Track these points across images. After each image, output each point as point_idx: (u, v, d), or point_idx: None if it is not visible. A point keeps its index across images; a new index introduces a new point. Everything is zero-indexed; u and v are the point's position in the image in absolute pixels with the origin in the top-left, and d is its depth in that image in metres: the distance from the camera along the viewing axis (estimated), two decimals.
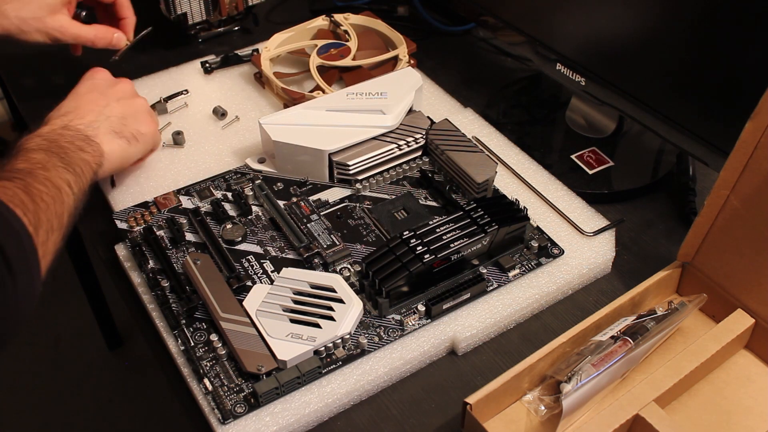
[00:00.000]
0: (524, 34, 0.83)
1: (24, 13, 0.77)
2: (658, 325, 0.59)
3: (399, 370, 0.61)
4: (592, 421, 0.54)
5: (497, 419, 0.57)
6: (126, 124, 0.71)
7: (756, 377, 0.60)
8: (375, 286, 0.62)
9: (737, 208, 0.58)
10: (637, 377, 0.59)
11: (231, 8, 0.97)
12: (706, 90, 0.67)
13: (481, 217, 0.64)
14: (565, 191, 0.75)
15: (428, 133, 0.76)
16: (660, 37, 0.69)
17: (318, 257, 0.67)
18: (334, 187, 0.74)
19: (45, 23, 0.78)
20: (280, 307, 0.61)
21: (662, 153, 0.82)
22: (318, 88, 0.84)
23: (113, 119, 0.71)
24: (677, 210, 0.76)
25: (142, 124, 0.73)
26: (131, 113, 0.73)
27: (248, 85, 0.89)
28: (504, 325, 0.65)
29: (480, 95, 0.91)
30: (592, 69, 0.76)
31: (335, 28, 0.93)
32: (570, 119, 0.86)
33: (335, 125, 0.74)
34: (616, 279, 0.69)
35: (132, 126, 0.72)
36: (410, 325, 0.62)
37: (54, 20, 0.79)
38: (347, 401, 0.59)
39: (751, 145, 0.56)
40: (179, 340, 0.61)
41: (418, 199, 0.73)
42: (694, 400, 0.59)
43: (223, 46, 0.98)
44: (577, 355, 0.58)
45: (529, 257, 0.68)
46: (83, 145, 0.66)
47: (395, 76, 0.81)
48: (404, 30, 0.92)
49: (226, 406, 0.57)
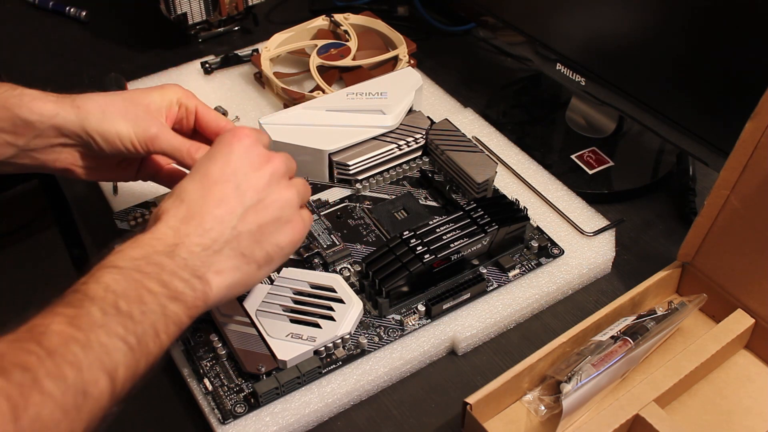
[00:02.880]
0: (524, 34, 0.83)
1: (113, 99, 0.59)
2: (658, 325, 0.59)
3: (399, 370, 0.61)
4: (592, 421, 0.54)
5: (497, 419, 0.57)
6: (261, 240, 0.51)
7: (756, 377, 0.60)
8: (375, 286, 0.62)
9: (737, 208, 0.58)
10: (637, 377, 0.59)
11: (231, 8, 0.97)
12: (706, 90, 0.67)
13: (481, 217, 0.64)
14: (565, 191, 0.75)
15: (428, 133, 0.76)
16: (660, 36, 0.69)
17: (318, 257, 0.67)
18: (334, 187, 0.74)
19: (138, 115, 0.59)
20: (280, 307, 0.61)
21: (662, 153, 0.82)
22: (318, 88, 0.84)
23: (244, 237, 0.50)
24: (677, 210, 0.76)
25: (284, 234, 0.52)
26: (271, 220, 0.51)
27: (248, 85, 0.89)
28: (504, 325, 0.65)
29: (480, 95, 0.91)
30: (592, 69, 0.76)
31: (335, 28, 0.93)
32: (570, 119, 0.86)
33: (335, 125, 0.74)
34: (616, 279, 0.69)
35: (269, 242, 0.51)
36: (410, 325, 0.62)
37: (152, 116, 0.59)
38: (347, 401, 0.59)
39: (751, 145, 0.56)
40: (179, 340, 0.61)
41: (418, 199, 0.73)
42: (694, 400, 0.59)
43: (223, 46, 0.98)
44: (577, 355, 0.58)
45: (529, 257, 0.68)
46: (182, 288, 0.46)
47: (395, 76, 0.81)
48: (404, 30, 0.92)
49: (226, 406, 0.57)
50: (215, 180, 0.50)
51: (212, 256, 0.48)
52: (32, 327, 0.40)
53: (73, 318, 0.41)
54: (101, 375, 0.40)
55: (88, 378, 0.40)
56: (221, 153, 0.52)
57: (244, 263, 0.50)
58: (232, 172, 0.51)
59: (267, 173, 0.52)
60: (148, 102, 0.60)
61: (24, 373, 0.38)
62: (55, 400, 0.38)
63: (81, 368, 0.39)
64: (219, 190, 0.50)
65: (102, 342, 0.41)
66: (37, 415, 0.37)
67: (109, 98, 0.59)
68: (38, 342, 0.39)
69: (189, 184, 0.51)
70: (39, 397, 0.37)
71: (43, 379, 0.38)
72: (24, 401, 0.37)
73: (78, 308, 0.42)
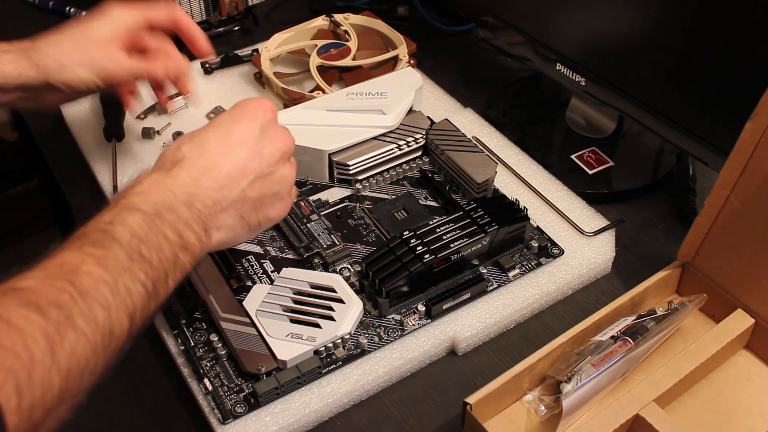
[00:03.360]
0: (524, 34, 0.83)
1: (65, 46, 0.63)
2: (658, 325, 0.59)
3: (399, 370, 0.61)
4: (592, 421, 0.54)
5: (497, 419, 0.57)
6: (258, 207, 0.55)
7: (756, 377, 0.60)
8: (375, 286, 0.62)
9: (737, 208, 0.58)
10: (637, 377, 0.59)
11: (231, 8, 0.97)
12: (706, 90, 0.67)
13: (481, 217, 0.64)
14: (565, 191, 0.75)
15: (428, 133, 0.76)
16: (660, 36, 0.69)
17: (318, 257, 0.67)
18: (334, 187, 0.74)
19: (92, 55, 0.64)
20: (280, 307, 0.61)
21: (662, 153, 0.82)
22: (318, 88, 0.84)
23: (248, 201, 0.54)
24: (677, 210, 0.76)
25: (275, 208, 0.57)
26: (271, 193, 0.55)
27: (248, 85, 0.89)
28: (504, 325, 0.65)
29: (480, 95, 0.91)
30: (592, 69, 0.76)
31: (335, 28, 0.93)
32: (570, 119, 0.86)
33: (335, 125, 0.74)
34: (616, 279, 0.69)
35: (263, 211, 0.55)
36: (410, 325, 0.62)
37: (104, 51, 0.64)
38: (347, 401, 0.59)
39: (751, 145, 0.56)
40: (179, 340, 0.61)
41: (418, 199, 0.73)
42: (694, 400, 0.59)
43: (223, 46, 0.98)
44: (577, 355, 0.58)
45: (529, 257, 0.68)
46: (192, 239, 0.49)
47: (395, 76, 0.81)
48: (404, 30, 0.92)
49: (226, 406, 0.57)
50: (237, 142, 0.53)
51: (219, 212, 0.52)
52: (62, 264, 0.42)
53: (102, 259, 0.43)
54: (125, 317, 0.43)
55: (115, 319, 0.42)
56: (246, 118, 0.55)
57: (239, 224, 0.54)
58: (254, 140, 0.54)
59: (281, 150, 0.56)
60: (97, 36, 0.64)
61: (59, 311, 0.40)
62: (87, 338, 0.40)
63: (110, 310, 0.42)
64: (239, 152, 0.53)
65: (127, 286, 0.44)
66: (72, 350, 0.39)
67: (63, 46, 0.63)
68: (71, 281, 0.41)
69: (211, 137, 0.53)
70: (73, 335, 0.40)
71: (77, 318, 0.40)
72: (60, 338, 0.39)
73: (107, 249, 0.44)
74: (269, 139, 0.55)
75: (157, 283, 0.46)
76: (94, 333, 0.41)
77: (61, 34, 0.64)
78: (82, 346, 0.40)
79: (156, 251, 0.46)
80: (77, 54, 0.63)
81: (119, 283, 0.43)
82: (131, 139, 0.81)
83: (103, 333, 0.41)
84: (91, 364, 0.41)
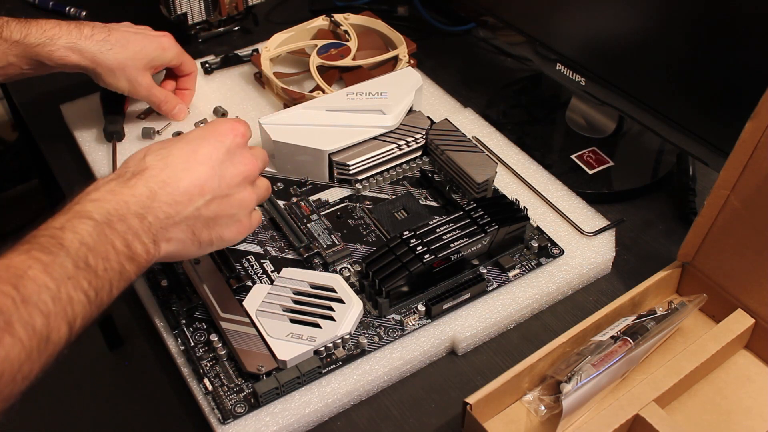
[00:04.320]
0: (524, 34, 0.83)
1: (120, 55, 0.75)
2: (658, 325, 0.59)
3: (399, 370, 0.61)
4: (592, 421, 0.54)
5: (497, 419, 0.57)
6: (211, 226, 0.55)
7: (756, 377, 0.60)
8: (375, 286, 0.62)
9: (737, 208, 0.58)
10: (637, 377, 0.59)
11: (231, 8, 0.97)
12: (706, 90, 0.67)
13: (481, 217, 0.64)
14: (565, 191, 0.75)
15: (428, 133, 0.76)
16: (660, 37, 0.69)
17: (318, 257, 0.67)
18: (334, 187, 0.74)
19: (134, 72, 0.76)
20: (280, 307, 0.61)
21: (662, 153, 0.82)
22: (318, 88, 0.84)
23: (201, 219, 0.54)
24: (677, 210, 0.76)
25: (231, 229, 0.56)
26: (228, 214, 0.55)
27: (248, 85, 0.89)
28: (504, 325, 0.65)
29: (480, 95, 0.91)
30: (592, 69, 0.76)
31: (335, 28, 0.93)
32: (570, 119, 0.86)
33: (335, 125, 0.74)
34: (616, 279, 0.69)
35: (216, 230, 0.55)
36: (410, 325, 0.62)
37: (141, 73, 0.77)
38: (347, 401, 0.59)
39: (751, 145, 0.56)
40: (179, 340, 0.61)
41: (418, 199, 0.73)
42: (694, 400, 0.59)
43: (223, 46, 0.98)
44: (577, 355, 0.58)
45: (529, 257, 0.68)
46: (140, 251, 0.50)
47: (395, 76, 0.81)
48: (404, 30, 0.92)
49: (226, 406, 0.57)
50: (201, 160, 0.54)
51: (170, 226, 0.52)
52: (9, 266, 0.43)
53: (48, 266, 0.44)
54: (63, 324, 0.44)
55: (53, 326, 0.43)
56: (215, 138, 0.56)
57: (189, 240, 0.54)
58: (218, 161, 0.55)
59: (243, 174, 0.56)
60: (146, 60, 0.77)
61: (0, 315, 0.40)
62: (23, 344, 0.41)
63: (49, 317, 0.43)
64: (200, 170, 0.54)
65: (70, 294, 0.44)
66: (6, 355, 0.40)
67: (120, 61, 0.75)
68: (15, 286, 0.42)
69: (177, 152, 0.54)
70: (10, 340, 0.40)
71: (16, 324, 0.41)
72: None
73: (54, 255, 0.45)
74: (234, 162, 0.56)
75: (100, 291, 0.46)
76: (30, 339, 0.41)
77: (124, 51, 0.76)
78: (17, 351, 0.40)
79: (103, 261, 0.47)
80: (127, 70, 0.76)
81: (62, 291, 0.44)
82: (131, 139, 0.81)
83: (39, 339, 0.42)
84: (25, 369, 0.41)
